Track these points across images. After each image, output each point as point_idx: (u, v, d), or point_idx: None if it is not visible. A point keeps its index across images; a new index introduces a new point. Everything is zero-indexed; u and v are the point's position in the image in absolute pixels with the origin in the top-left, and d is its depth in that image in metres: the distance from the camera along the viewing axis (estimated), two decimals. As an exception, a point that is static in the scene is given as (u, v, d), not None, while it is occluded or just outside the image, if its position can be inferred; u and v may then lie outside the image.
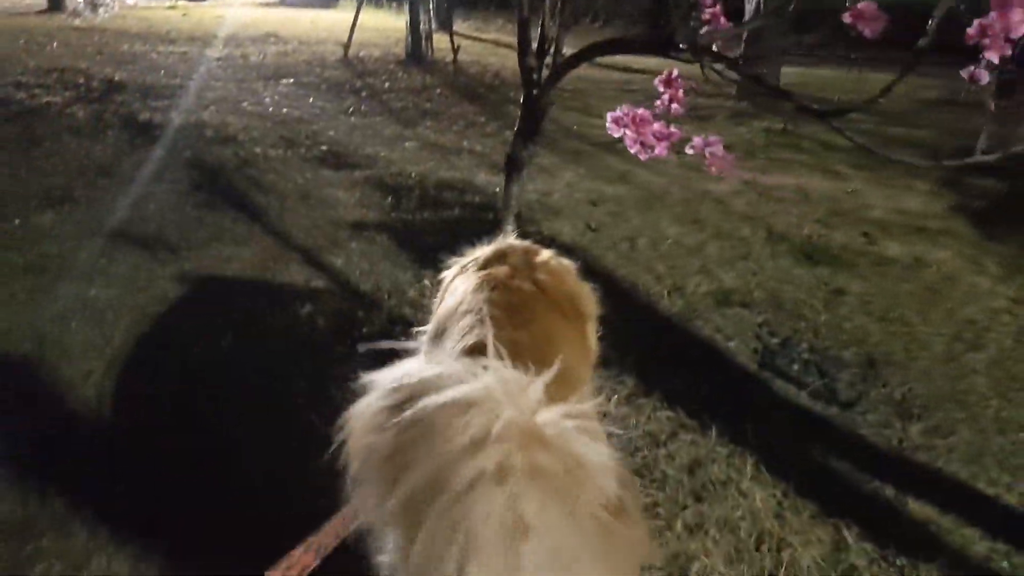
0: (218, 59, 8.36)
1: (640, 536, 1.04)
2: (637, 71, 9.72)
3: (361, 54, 9.38)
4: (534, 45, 2.22)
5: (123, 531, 1.92)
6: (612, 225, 4.21)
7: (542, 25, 2.22)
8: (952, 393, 2.92)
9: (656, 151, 1.35)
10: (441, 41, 9.67)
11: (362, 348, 2.22)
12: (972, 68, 1.26)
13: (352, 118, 6.09)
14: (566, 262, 1.80)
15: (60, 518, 1.94)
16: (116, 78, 6.56)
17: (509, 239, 1.89)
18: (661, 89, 1.78)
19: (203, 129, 5.22)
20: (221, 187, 4.21)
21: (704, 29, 1.88)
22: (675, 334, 3.15)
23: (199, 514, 2.00)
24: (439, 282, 1.85)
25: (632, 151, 1.37)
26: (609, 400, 2.63)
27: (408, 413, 0.85)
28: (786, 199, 4.95)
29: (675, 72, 1.78)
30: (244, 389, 2.52)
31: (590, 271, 3.54)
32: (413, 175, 4.74)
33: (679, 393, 2.73)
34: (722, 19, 1.87)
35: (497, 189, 4.59)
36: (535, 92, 2.18)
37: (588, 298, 1.73)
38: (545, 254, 1.74)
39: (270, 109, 6.09)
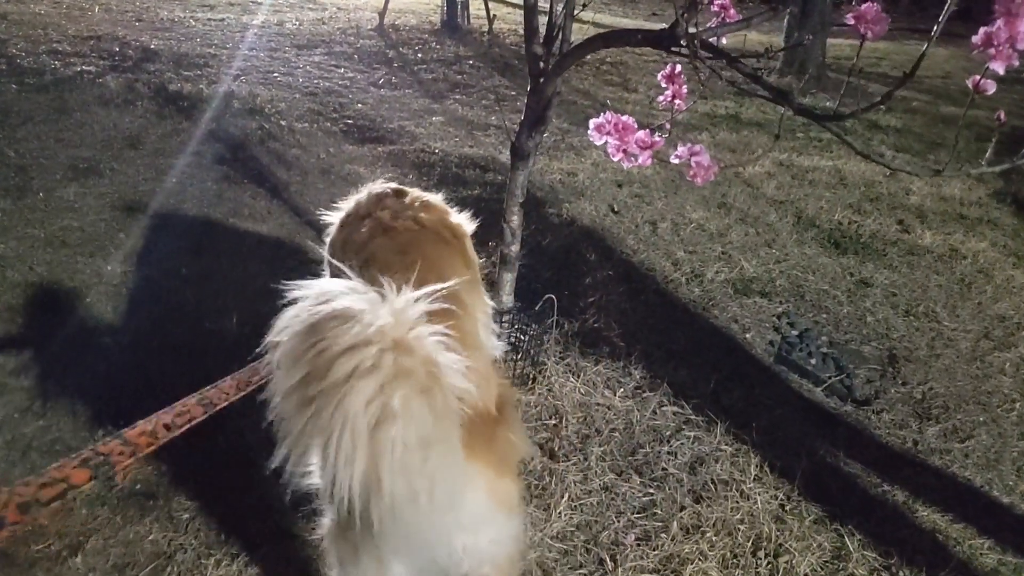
0: (255, 26, 8.35)
1: (510, 434, 1.37)
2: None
3: (397, 22, 9.31)
4: (541, 32, 2.16)
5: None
6: (635, 208, 4.13)
7: (550, 12, 2.16)
8: (974, 394, 2.83)
9: (640, 160, 1.29)
10: (478, 8, 9.54)
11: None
12: (977, 78, 1.18)
13: (381, 90, 6.05)
14: (434, 196, 1.98)
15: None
16: (151, 46, 6.59)
17: (376, 185, 2.03)
18: (664, 84, 1.72)
19: (231, 100, 5.23)
20: (243, 161, 4.22)
21: (711, 23, 1.81)
22: (689, 324, 3.09)
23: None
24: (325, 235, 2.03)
25: (615, 159, 1.32)
26: (615, 393, 2.59)
27: (308, 316, 1.04)
28: (820, 182, 4.80)
29: (678, 68, 1.71)
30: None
31: (607, 256, 3.51)
32: (437, 151, 4.69)
33: (688, 387, 2.68)
34: (731, 11, 1.79)
35: (520, 167, 4.53)
36: (541, 81, 2.12)
37: (459, 221, 1.94)
38: (414, 192, 1.93)
39: (300, 80, 6.07)
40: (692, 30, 1.75)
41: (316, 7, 10.41)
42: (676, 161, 1.30)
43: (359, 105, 5.54)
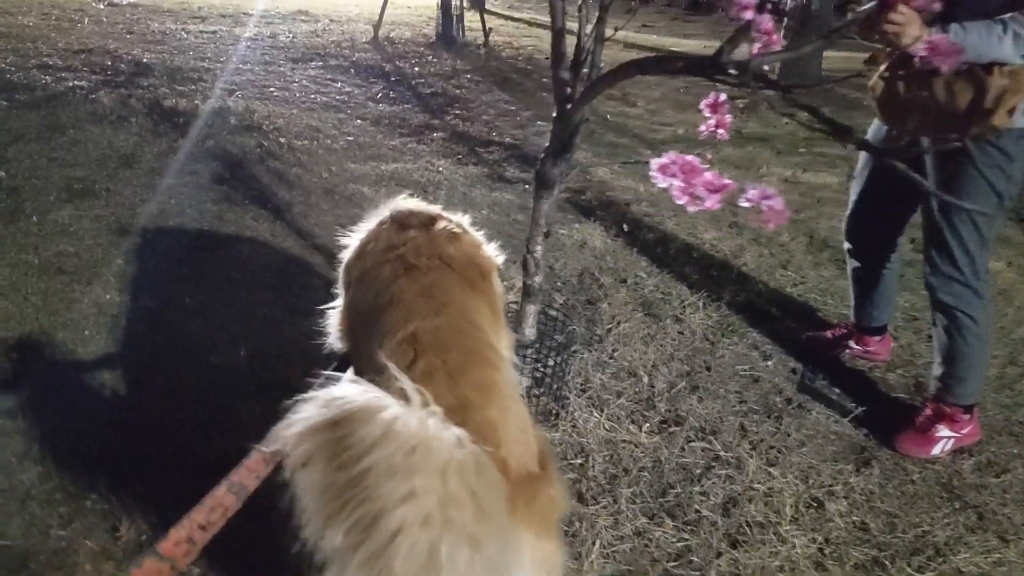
0: (247, 39, 8.24)
1: (551, 491, 1.33)
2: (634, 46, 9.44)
3: (391, 35, 9.21)
4: (569, 56, 2.07)
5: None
6: (646, 228, 4.04)
7: (578, 36, 2.06)
8: (1006, 424, 2.74)
9: (707, 204, 1.20)
10: (472, 20, 9.46)
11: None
12: None
13: (380, 105, 5.95)
14: (459, 222, 1.86)
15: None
16: (144, 60, 6.47)
17: (400, 202, 1.94)
18: (708, 114, 1.63)
19: (227, 116, 5.11)
20: (243, 181, 4.10)
21: (755, 50, 1.71)
22: (710, 352, 3.00)
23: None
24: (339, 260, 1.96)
25: (680, 203, 1.22)
26: (640, 428, 2.49)
27: (342, 450, 0.98)
28: (829, 200, 4.73)
29: (723, 96, 1.62)
30: (257, 407, 2.42)
31: (621, 279, 3.42)
32: (441, 169, 4.59)
33: (714, 420, 2.59)
34: (775, 36, 1.70)
35: (526, 187, 4.44)
36: (568, 107, 2.02)
37: (487, 254, 1.81)
38: (441, 222, 1.80)
39: (297, 95, 5.97)
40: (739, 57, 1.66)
41: (308, 19, 10.31)
42: (746, 205, 1.21)
43: (358, 121, 5.43)
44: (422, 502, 0.95)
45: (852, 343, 3.04)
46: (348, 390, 1.05)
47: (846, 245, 2.88)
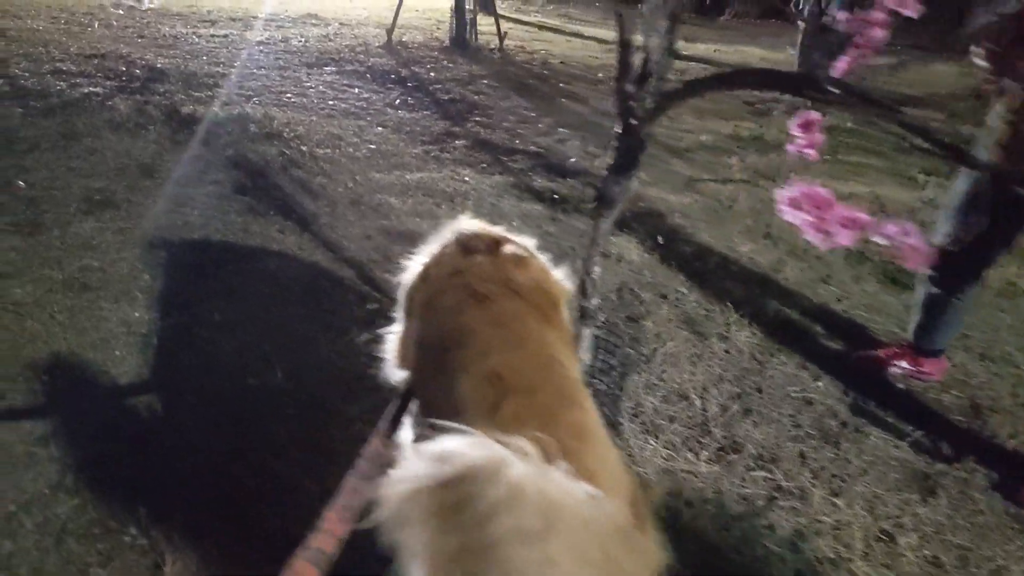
0: (259, 43, 8.14)
1: (649, 543, 1.20)
2: (692, 59, 9.36)
3: (403, 38, 9.11)
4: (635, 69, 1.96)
5: None
6: (681, 240, 3.93)
7: (646, 48, 1.96)
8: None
9: (839, 240, 1.10)
10: (484, 24, 9.37)
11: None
12: None
13: (399, 112, 5.84)
14: (526, 245, 1.80)
15: None
16: (158, 65, 6.37)
17: (463, 223, 1.86)
18: (799, 134, 1.53)
19: (246, 124, 5.01)
20: (267, 191, 4.00)
21: (844, 63, 1.60)
22: (759, 372, 2.89)
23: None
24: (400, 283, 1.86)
25: (809, 238, 1.12)
26: (698, 456, 2.38)
27: (461, 513, 0.91)
28: (862, 210, 4.61)
29: (815, 115, 1.52)
30: (297, 431, 2.31)
31: (662, 295, 3.31)
32: (467, 179, 4.49)
33: (771, 446, 2.48)
34: (869, 49, 1.60)
35: (555, 197, 4.34)
36: (634, 123, 1.92)
37: (556, 282, 1.74)
38: (508, 246, 1.72)
39: (314, 101, 5.86)
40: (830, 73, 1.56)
41: (319, 22, 10.22)
42: (883, 243, 1.10)
43: (379, 128, 5.33)
44: (561, 570, 0.89)
45: (904, 362, 2.94)
46: (460, 444, 0.98)
47: (926, 272, 2.76)
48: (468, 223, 1.87)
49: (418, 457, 1.00)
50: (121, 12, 8.44)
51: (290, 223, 3.66)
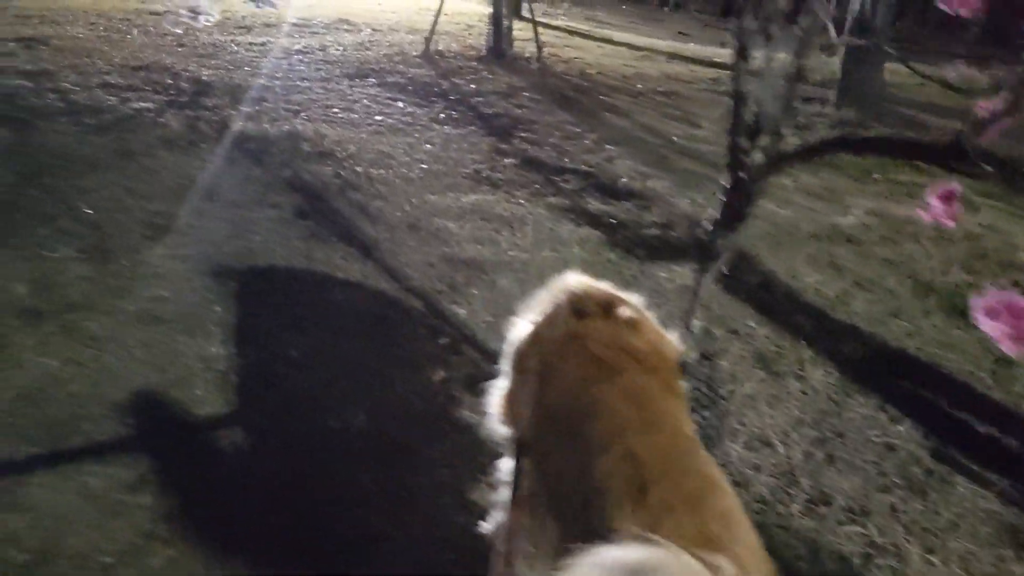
0: (297, 52, 8.13)
1: None
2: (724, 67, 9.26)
3: (440, 47, 9.08)
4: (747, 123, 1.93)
5: None
6: (744, 268, 3.88)
7: (761, 103, 1.92)
8: None
9: (1037, 350, 1.06)
10: (519, 30, 9.33)
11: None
12: None
13: (445, 127, 5.82)
14: (635, 305, 1.74)
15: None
16: (203, 77, 6.37)
17: (571, 281, 1.80)
18: (936, 204, 1.48)
19: (298, 141, 5.00)
20: (326, 215, 3.99)
21: (982, 129, 1.56)
22: (837, 415, 2.84)
23: None
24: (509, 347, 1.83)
25: (1002, 346, 1.09)
26: (788, 508, 2.34)
27: None
28: (921, 235, 4.55)
29: (957, 187, 1.48)
30: (382, 477, 2.29)
31: (732, 330, 3.27)
32: (522, 202, 4.45)
33: (861, 498, 2.44)
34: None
35: (613, 221, 4.30)
36: (745, 177, 1.88)
37: (670, 343, 1.69)
38: (619, 306, 1.67)
39: (362, 116, 5.84)
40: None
41: (351, 28, 10.19)
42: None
43: (427, 146, 5.30)
44: None
45: None
46: (641, 555, 0.97)
47: None
48: (575, 280, 1.85)
49: (592, 564, 0.97)
50: (180, 32, 8.44)
51: (352, 250, 3.64)
